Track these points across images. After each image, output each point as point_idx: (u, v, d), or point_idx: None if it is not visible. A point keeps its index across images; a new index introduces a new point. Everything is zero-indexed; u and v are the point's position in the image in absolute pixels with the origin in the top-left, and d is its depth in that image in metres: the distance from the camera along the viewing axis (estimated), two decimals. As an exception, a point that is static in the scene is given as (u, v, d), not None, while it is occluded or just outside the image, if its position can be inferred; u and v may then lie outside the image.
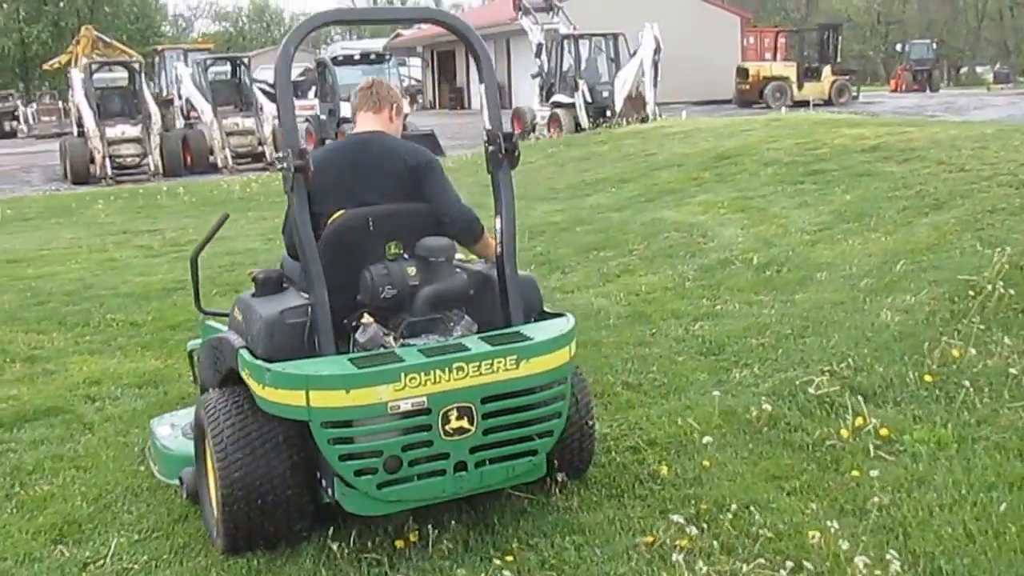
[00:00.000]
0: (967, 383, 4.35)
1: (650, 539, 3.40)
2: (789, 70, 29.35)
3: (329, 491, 3.42)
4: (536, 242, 8.97)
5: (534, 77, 23.99)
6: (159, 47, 33.03)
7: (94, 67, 20.19)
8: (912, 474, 3.75)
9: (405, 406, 3.18)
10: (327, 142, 21.99)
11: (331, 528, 3.47)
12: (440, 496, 3.38)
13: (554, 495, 3.81)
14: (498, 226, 3.66)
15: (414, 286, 3.53)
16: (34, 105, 40.44)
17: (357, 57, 24.85)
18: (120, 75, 20.50)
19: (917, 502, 3.52)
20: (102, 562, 3.60)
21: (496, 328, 3.56)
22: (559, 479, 3.83)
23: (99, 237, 11.39)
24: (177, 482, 3.95)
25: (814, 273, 6.64)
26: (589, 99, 21.32)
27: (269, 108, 20.56)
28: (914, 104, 26.01)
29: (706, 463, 4.01)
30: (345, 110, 22.41)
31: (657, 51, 20.37)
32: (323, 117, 23.71)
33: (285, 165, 3.32)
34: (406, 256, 3.61)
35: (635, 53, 20.73)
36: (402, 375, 3.16)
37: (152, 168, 19.43)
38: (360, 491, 3.25)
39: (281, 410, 3.25)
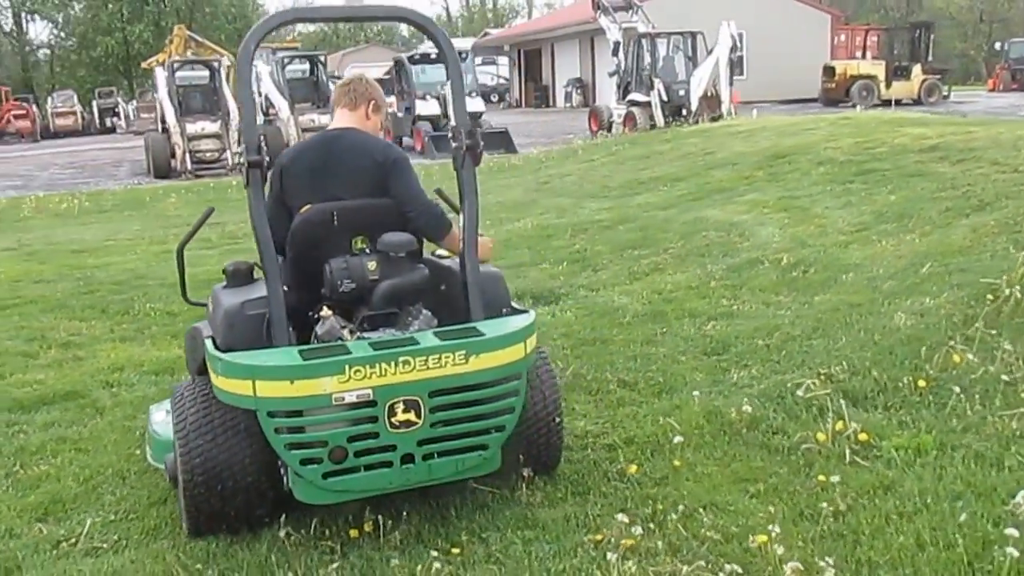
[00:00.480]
0: (957, 389, 4.19)
1: (599, 537, 3.37)
2: (877, 69, 28.47)
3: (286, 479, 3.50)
4: (577, 240, 8.97)
5: (611, 75, 23.88)
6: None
7: (176, 65, 20.87)
8: (881, 480, 3.63)
9: (350, 398, 3.22)
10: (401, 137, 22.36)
11: (290, 515, 3.54)
12: (387, 487, 3.42)
13: (519, 490, 3.81)
14: (461, 222, 3.68)
15: (374, 280, 3.58)
16: (134, 102, 42.11)
17: (433, 56, 25.10)
18: (202, 73, 21.13)
19: (877, 509, 3.41)
20: (74, 540, 3.73)
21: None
22: (525, 474, 3.83)
23: (163, 229, 11.79)
24: (163, 466, 4.09)
25: (840, 275, 6.47)
26: (665, 97, 21.09)
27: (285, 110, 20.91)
28: (1008, 104, 24.93)
29: (677, 463, 3.96)
30: (420, 108, 22.79)
31: (733, 49, 20.02)
32: (400, 115, 24.10)
33: (241, 160, 3.41)
34: (367, 251, 3.66)
35: (711, 51, 20.43)
36: (347, 367, 3.21)
37: (230, 163, 20.01)
38: (307, 480, 3.32)
39: (232, 399, 3.34)
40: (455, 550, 3.40)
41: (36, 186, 18.90)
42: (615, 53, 22.90)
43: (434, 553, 3.30)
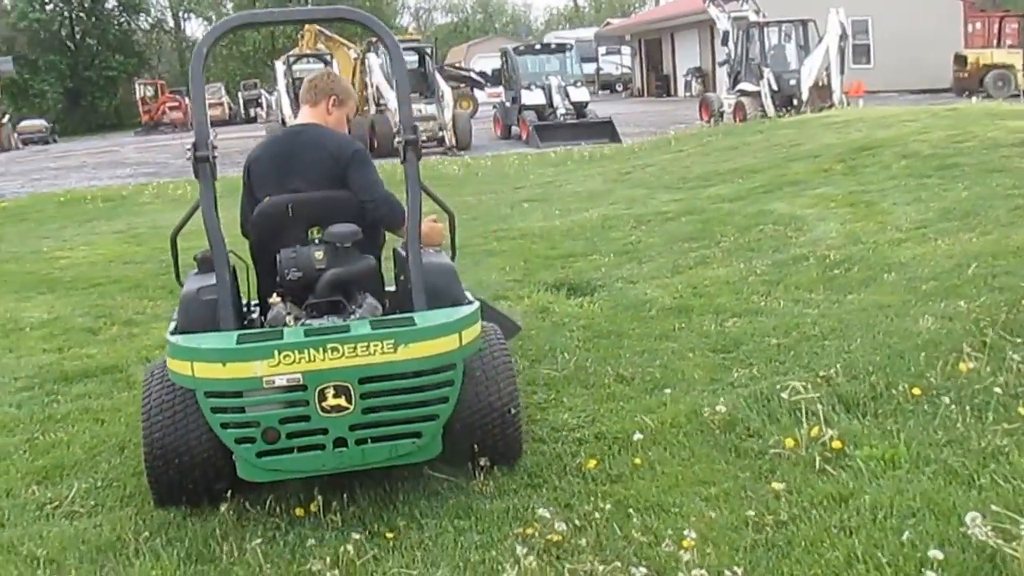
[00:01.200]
0: (947, 400, 3.95)
1: (528, 531, 3.34)
2: (1014, 57, 26.81)
3: None
4: (635, 231, 8.86)
5: (721, 65, 23.41)
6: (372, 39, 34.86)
7: (291, 59, 21.62)
8: (839, 491, 3.45)
9: (280, 381, 3.31)
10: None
11: (251, 492, 3.67)
12: (321, 469, 3.50)
13: (475, 479, 3.81)
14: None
15: (320, 269, 3.67)
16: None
17: (538, 47, 25.22)
18: (316, 67, 21.84)
19: (822, 521, 3.25)
20: (58, 503, 3.96)
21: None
22: (482, 463, 3.83)
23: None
24: None
25: (881, 274, 6.16)
26: (775, 87, 20.52)
27: (449, 96, 21.26)
28: None
29: (637, 461, 3.88)
30: (526, 97, 22.89)
31: (843, 37, 19.27)
32: (507, 104, 24.27)
33: (189, 155, 3.56)
34: (317, 242, 3.75)
35: (821, 40, 19.72)
36: (276, 352, 3.30)
37: (448, 143, 20.46)
38: (243, 458, 3.43)
39: (177, 379, 3.48)
40: (389, 534, 3.45)
41: (166, 173, 19.89)
42: (724, 42, 22.44)
43: (364, 536, 3.36)
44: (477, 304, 3.73)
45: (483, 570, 3.17)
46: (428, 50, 22.85)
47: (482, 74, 38.27)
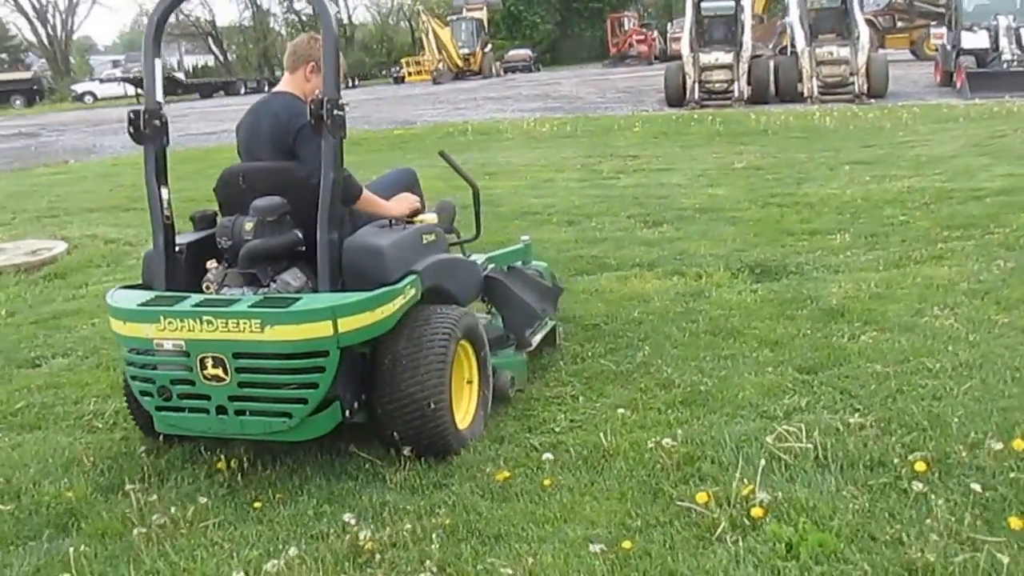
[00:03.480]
0: (978, 487, 2.97)
1: (367, 544, 3.17)
2: None
3: None
4: (912, 212, 7.57)
5: None
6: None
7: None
8: (691, 566, 2.82)
9: (167, 345, 3.49)
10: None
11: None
12: (208, 432, 3.64)
13: (396, 466, 3.69)
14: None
15: (247, 240, 3.74)
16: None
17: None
18: (728, 3, 21.08)
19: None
20: (38, 446, 4.21)
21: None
22: (405, 453, 3.70)
23: (586, 158, 12.32)
24: None
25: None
26: None
27: (866, 38, 19.35)
28: None
29: (547, 482, 3.47)
30: (966, 40, 20.08)
31: None
32: (948, 47, 21.46)
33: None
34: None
35: None
36: (161, 318, 3.47)
37: (737, 94, 19.86)
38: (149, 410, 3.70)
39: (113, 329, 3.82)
40: (257, 504, 3.49)
41: (570, 109, 20.74)
42: None
43: (220, 500, 3.50)
44: (385, 290, 3.55)
45: (259, 551, 3.15)
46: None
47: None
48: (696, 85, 20.14)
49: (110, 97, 50.74)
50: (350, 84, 46.04)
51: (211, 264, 3.83)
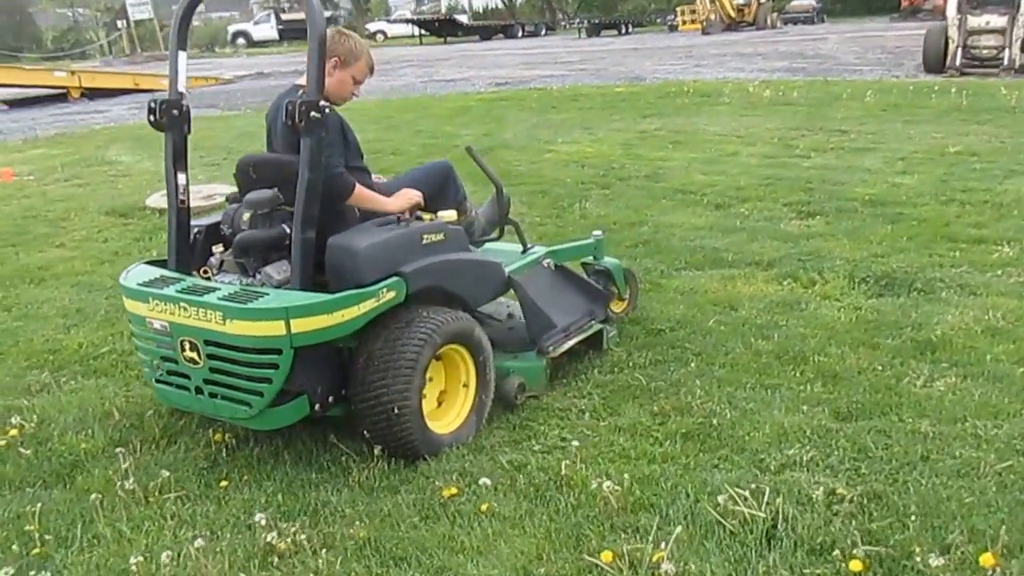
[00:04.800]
0: None
1: (281, 544, 3.21)
2: None
3: None
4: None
5: None
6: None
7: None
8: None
9: (156, 325, 3.69)
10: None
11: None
12: (191, 408, 3.84)
13: (366, 463, 3.68)
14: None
15: (243, 230, 3.83)
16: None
17: None
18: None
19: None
20: (88, 394, 4.57)
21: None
22: (376, 451, 3.70)
23: (789, 130, 11.48)
24: None
25: None
26: None
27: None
28: None
29: (484, 507, 3.34)
30: None
31: None
32: None
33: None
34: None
35: None
36: (150, 299, 3.68)
37: (1007, 62, 17.67)
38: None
39: None
40: (223, 484, 3.64)
41: (806, 71, 19.47)
42: None
43: (195, 474, 3.71)
44: (347, 294, 3.53)
45: (192, 534, 3.27)
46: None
47: None
48: (960, 51, 18.13)
49: (400, 36, 53.13)
50: (623, 31, 45.55)
51: (217, 249, 3.98)
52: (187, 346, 3.61)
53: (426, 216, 4.10)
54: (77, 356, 5.07)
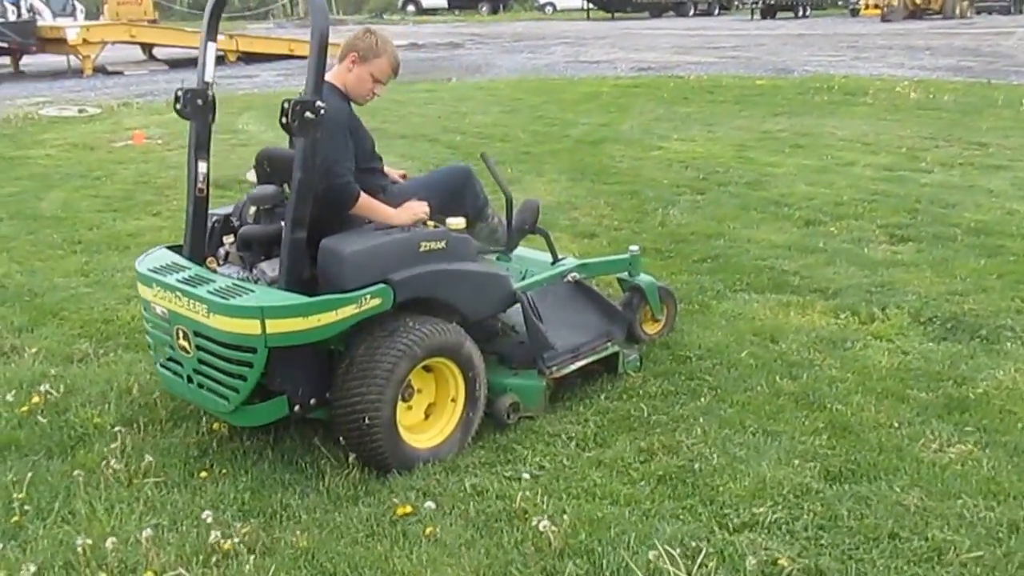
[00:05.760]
0: None
1: (226, 544, 3.30)
2: None
3: None
4: None
5: None
6: None
7: None
8: None
9: (159, 310, 3.86)
10: None
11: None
12: (184, 396, 4.00)
13: (342, 469, 3.74)
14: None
15: (248, 223, 3.93)
16: None
17: None
18: None
19: None
20: (119, 368, 4.80)
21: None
22: (350, 458, 3.77)
23: (923, 139, 10.74)
24: None
25: None
26: None
27: None
28: None
29: (428, 530, 3.33)
30: None
31: None
32: None
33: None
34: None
35: None
36: (153, 284, 3.84)
37: None
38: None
39: None
40: (204, 474, 3.78)
41: (958, 70, 18.17)
42: None
43: (180, 460, 3.88)
44: (324, 299, 3.57)
45: (157, 521, 3.37)
46: None
47: None
48: None
49: (568, 9, 52.38)
50: (800, 13, 43.61)
51: (228, 240, 4.10)
52: (181, 335, 3.76)
53: (430, 223, 4.08)
54: (126, 329, 5.35)
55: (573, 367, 4.36)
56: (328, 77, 4.09)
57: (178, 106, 4.03)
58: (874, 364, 4.68)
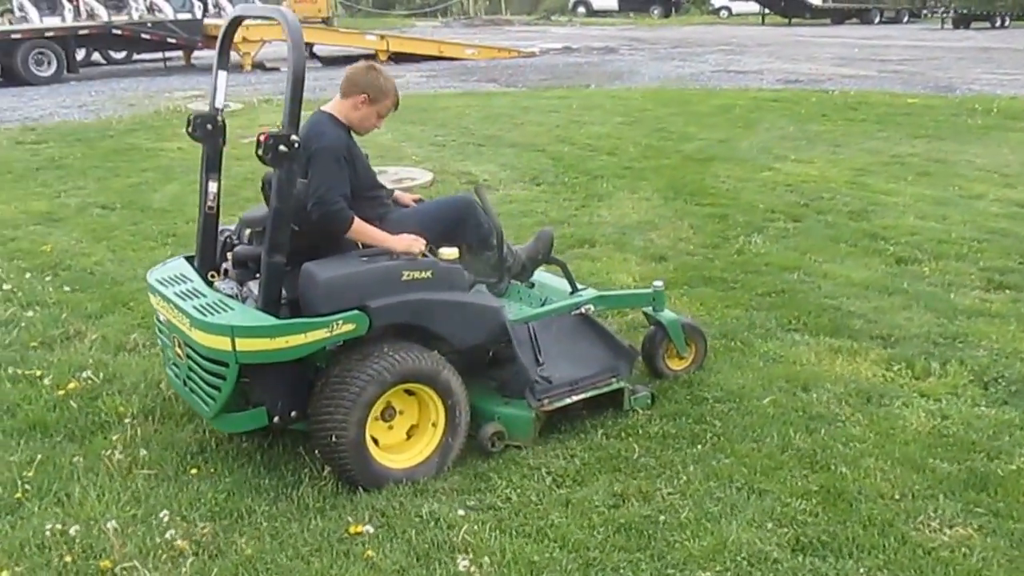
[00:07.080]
0: None
1: (181, 543, 3.42)
2: None
3: None
4: None
5: None
6: None
7: None
8: None
9: (162, 317, 4.09)
10: None
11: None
12: (183, 397, 4.19)
13: (317, 481, 3.84)
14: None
15: (243, 243, 4.10)
16: None
17: None
18: None
19: None
20: (156, 361, 5.08)
21: None
22: (326, 471, 3.87)
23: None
24: None
25: None
26: None
27: None
28: None
29: (370, 553, 3.37)
30: None
31: None
32: None
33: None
34: None
35: None
36: (156, 295, 4.09)
37: None
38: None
39: None
40: (193, 471, 3.97)
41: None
42: None
43: (177, 455, 4.08)
44: (292, 322, 3.66)
45: (131, 514, 3.55)
46: None
47: None
48: None
49: (744, 14, 50.95)
50: (998, 24, 40.72)
51: (230, 256, 4.27)
52: (176, 342, 3.97)
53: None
54: (176, 323, 5.66)
55: (568, 401, 4.29)
56: (328, 108, 4.22)
57: (189, 129, 4.23)
58: (904, 425, 4.38)
